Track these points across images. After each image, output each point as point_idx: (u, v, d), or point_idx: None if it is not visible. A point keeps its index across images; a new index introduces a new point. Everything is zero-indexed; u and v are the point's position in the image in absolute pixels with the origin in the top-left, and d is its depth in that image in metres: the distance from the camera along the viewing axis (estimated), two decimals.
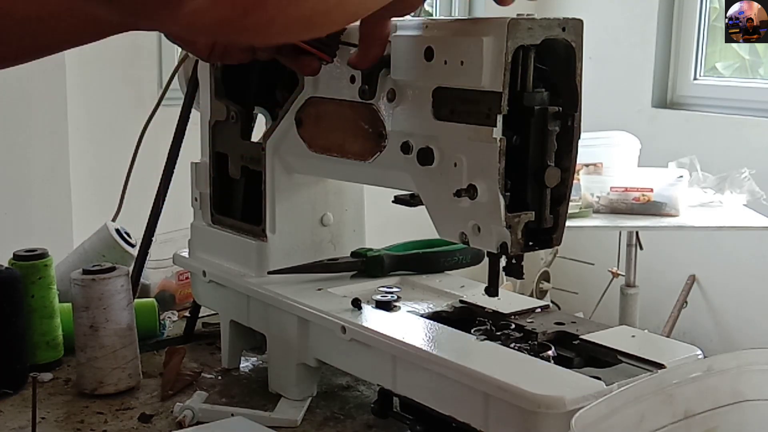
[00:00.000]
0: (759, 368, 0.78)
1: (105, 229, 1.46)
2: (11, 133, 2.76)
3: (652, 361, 0.89)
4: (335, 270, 1.14)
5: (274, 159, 1.11)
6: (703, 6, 3.59)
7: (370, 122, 0.96)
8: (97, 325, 1.12)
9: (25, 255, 1.18)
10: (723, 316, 3.51)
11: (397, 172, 0.94)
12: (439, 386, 0.89)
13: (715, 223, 2.73)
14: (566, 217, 0.87)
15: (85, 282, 1.12)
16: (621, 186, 2.79)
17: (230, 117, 1.16)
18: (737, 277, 3.41)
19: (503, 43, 0.80)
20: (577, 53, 0.83)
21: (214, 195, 1.20)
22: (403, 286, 1.13)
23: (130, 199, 1.51)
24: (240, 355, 1.22)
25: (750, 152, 3.23)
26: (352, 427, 1.04)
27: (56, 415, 1.08)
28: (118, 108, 2.98)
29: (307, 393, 1.10)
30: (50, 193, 2.89)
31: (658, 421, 0.73)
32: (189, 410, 1.04)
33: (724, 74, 3.67)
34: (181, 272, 1.49)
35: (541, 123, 0.84)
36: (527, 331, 0.98)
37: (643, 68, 3.67)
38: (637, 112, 3.66)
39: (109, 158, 2.60)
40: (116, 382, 1.13)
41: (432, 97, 0.88)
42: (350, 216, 1.18)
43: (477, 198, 0.84)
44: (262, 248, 1.13)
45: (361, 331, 0.97)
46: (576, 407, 0.75)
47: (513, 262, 0.87)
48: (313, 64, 0.93)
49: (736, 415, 0.77)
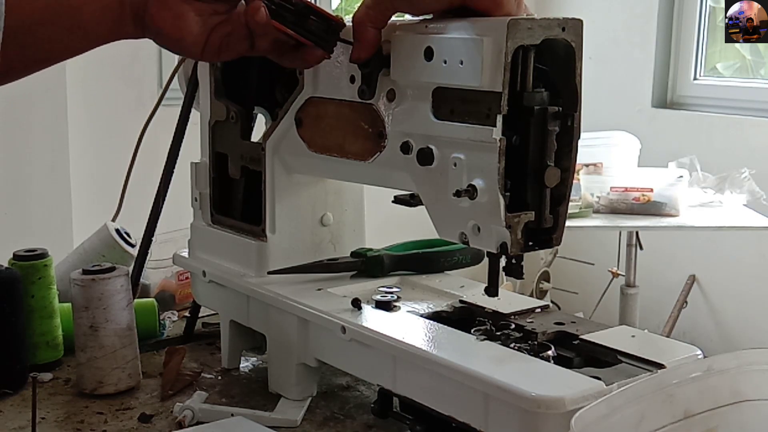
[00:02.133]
0: (759, 368, 0.78)
1: (105, 229, 1.46)
2: (11, 133, 2.76)
3: (652, 361, 0.89)
4: (335, 270, 1.14)
5: (274, 159, 1.11)
6: (703, 6, 3.59)
7: (370, 122, 0.96)
8: (97, 325, 1.12)
9: (25, 255, 1.18)
10: (723, 316, 3.50)
11: (397, 172, 0.94)
12: (439, 386, 0.89)
13: (715, 223, 2.73)
14: (566, 217, 0.87)
15: (85, 282, 1.12)
16: (621, 186, 2.80)
17: (230, 117, 1.16)
18: (737, 277, 3.41)
19: (503, 43, 0.80)
20: (577, 53, 0.83)
21: (214, 195, 1.20)
22: (403, 286, 1.13)
23: (130, 199, 1.51)
24: (240, 355, 1.22)
25: (750, 152, 3.23)
26: (352, 427, 1.04)
27: (56, 415, 1.08)
28: (118, 108, 2.98)
29: (307, 393, 1.10)
30: (50, 193, 2.89)
31: (658, 421, 0.73)
32: (189, 410, 1.04)
33: (724, 74, 3.67)
34: (181, 272, 1.49)
35: (541, 123, 0.84)
36: (527, 331, 0.98)
37: (643, 68, 3.67)
38: (637, 112, 3.66)
39: (109, 158, 2.60)
40: (116, 382, 1.13)
41: (432, 97, 0.88)
42: (350, 216, 1.18)
43: (477, 198, 0.84)
44: (262, 248, 1.13)
45: (361, 331, 0.97)
46: (576, 407, 0.75)
47: (513, 262, 0.87)
48: (316, 53, 0.91)
49: (736, 415, 0.77)
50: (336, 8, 3.67)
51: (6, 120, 2.72)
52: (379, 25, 0.89)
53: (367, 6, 0.88)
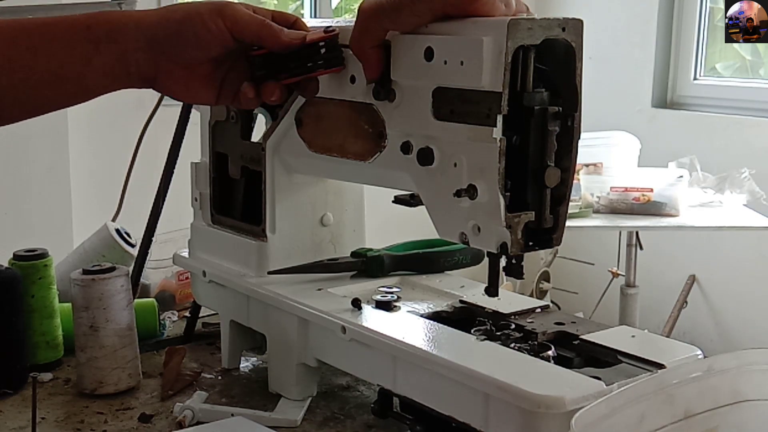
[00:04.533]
0: (759, 368, 0.78)
1: (105, 229, 1.46)
2: (11, 133, 2.74)
3: (652, 361, 0.89)
4: (335, 270, 1.14)
5: (274, 159, 1.11)
6: (703, 6, 3.59)
7: (370, 122, 0.96)
8: (97, 325, 1.12)
9: (25, 255, 1.18)
10: (723, 316, 3.50)
11: (397, 172, 0.94)
12: (439, 386, 0.89)
13: (715, 223, 2.73)
14: (566, 217, 0.87)
15: (85, 282, 1.12)
16: (621, 186, 2.80)
17: (230, 117, 1.16)
18: (737, 277, 3.41)
19: (503, 43, 0.80)
20: (577, 53, 0.83)
21: (214, 195, 1.20)
22: (403, 286, 1.13)
23: (130, 199, 1.52)
24: (240, 355, 1.22)
25: (750, 152, 3.23)
26: (352, 427, 1.04)
27: (56, 415, 1.08)
28: (118, 108, 2.96)
29: (307, 393, 1.10)
30: (50, 193, 2.89)
31: (658, 421, 0.73)
32: (189, 410, 1.04)
33: (724, 74, 3.67)
34: (181, 272, 1.49)
35: (541, 123, 0.83)
36: (527, 331, 0.98)
37: (643, 68, 3.67)
38: (637, 112, 3.66)
39: (109, 158, 2.60)
40: (116, 382, 1.13)
41: (432, 97, 0.88)
42: (350, 216, 1.18)
43: (477, 198, 0.84)
44: (262, 248, 1.13)
45: (361, 331, 0.97)
46: (576, 407, 0.75)
47: (513, 262, 0.87)
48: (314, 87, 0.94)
49: (736, 415, 0.77)
50: (336, 7, 3.67)
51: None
52: (377, 44, 0.89)
53: (360, 32, 0.89)
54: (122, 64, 0.84)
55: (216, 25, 0.84)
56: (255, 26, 0.86)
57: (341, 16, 3.68)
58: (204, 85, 0.89)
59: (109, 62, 0.83)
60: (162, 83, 0.87)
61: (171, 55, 0.85)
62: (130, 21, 0.84)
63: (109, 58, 0.83)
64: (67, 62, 0.82)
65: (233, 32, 0.85)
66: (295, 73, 0.90)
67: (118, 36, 0.83)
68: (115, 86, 0.86)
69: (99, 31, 0.83)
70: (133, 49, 0.83)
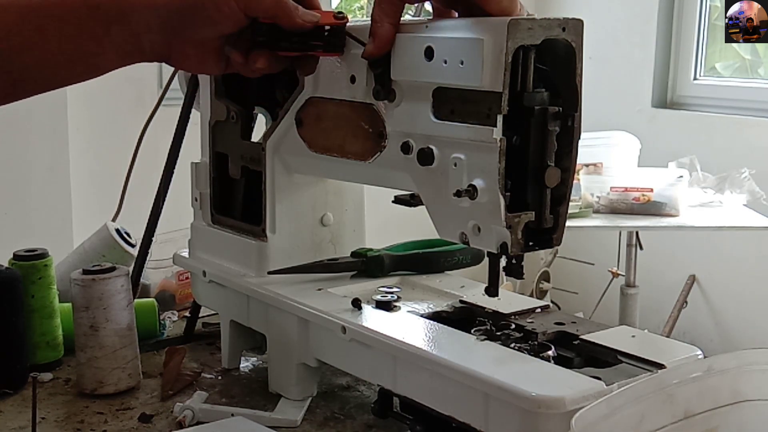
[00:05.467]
0: (759, 368, 0.78)
1: (105, 229, 1.46)
2: (11, 133, 2.75)
3: (652, 361, 0.89)
4: (335, 270, 1.14)
5: (274, 159, 1.11)
6: (703, 6, 3.59)
7: (370, 122, 0.96)
8: (97, 325, 1.12)
9: (25, 255, 1.18)
10: (723, 316, 3.50)
11: (397, 172, 0.94)
12: (439, 386, 0.89)
13: (715, 223, 2.73)
14: (566, 217, 0.87)
15: (85, 282, 1.12)
16: (621, 186, 2.79)
17: (230, 117, 1.16)
18: (737, 277, 3.41)
19: (503, 43, 0.80)
20: (577, 53, 0.83)
21: (214, 195, 1.20)
22: (403, 286, 1.13)
23: (130, 199, 1.51)
24: (240, 355, 1.22)
25: (750, 152, 3.23)
26: (352, 427, 1.04)
27: (56, 415, 1.08)
28: (118, 108, 2.98)
29: (307, 393, 1.10)
30: (50, 193, 2.89)
31: (658, 421, 0.73)
32: (189, 410, 1.04)
33: (724, 74, 3.67)
34: (181, 272, 1.49)
35: (541, 123, 0.84)
36: (527, 331, 0.98)
37: (643, 68, 3.67)
38: (637, 112, 3.66)
39: (109, 158, 2.60)
40: (116, 382, 1.13)
41: (432, 97, 0.88)
42: (350, 216, 1.18)
43: (477, 198, 0.84)
44: (262, 248, 1.13)
45: (361, 331, 0.97)
46: (576, 407, 0.75)
47: (513, 262, 0.87)
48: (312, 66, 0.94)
49: (736, 415, 0.77)
50: (336, 8, 3.67)
51: (6, 120, 2.72)
52: (394, 20, 0.89)
53: (379, 2, 0.89)
54: (135, 44, 0.84)
55: (228, 7, 0.84)
56: (269, 3, 0.86)
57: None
58: (215, 58, 0.89)
59: (121, 43, 0.83)
60: (175, 60, 0.88)
61: (184, 36, 0.85)
62: (140, 2, 0.84)
63: (121, 39, 0.83)
64: (78, 43, 0.82)
65: (246, 11, 0.85)
66: (295, 48, 0.90)
67: (130, 18, 0.83)
68: (129, 62, 0.86)
69: (109, 11, 0.82)
70: (145, 31, 0.83)
